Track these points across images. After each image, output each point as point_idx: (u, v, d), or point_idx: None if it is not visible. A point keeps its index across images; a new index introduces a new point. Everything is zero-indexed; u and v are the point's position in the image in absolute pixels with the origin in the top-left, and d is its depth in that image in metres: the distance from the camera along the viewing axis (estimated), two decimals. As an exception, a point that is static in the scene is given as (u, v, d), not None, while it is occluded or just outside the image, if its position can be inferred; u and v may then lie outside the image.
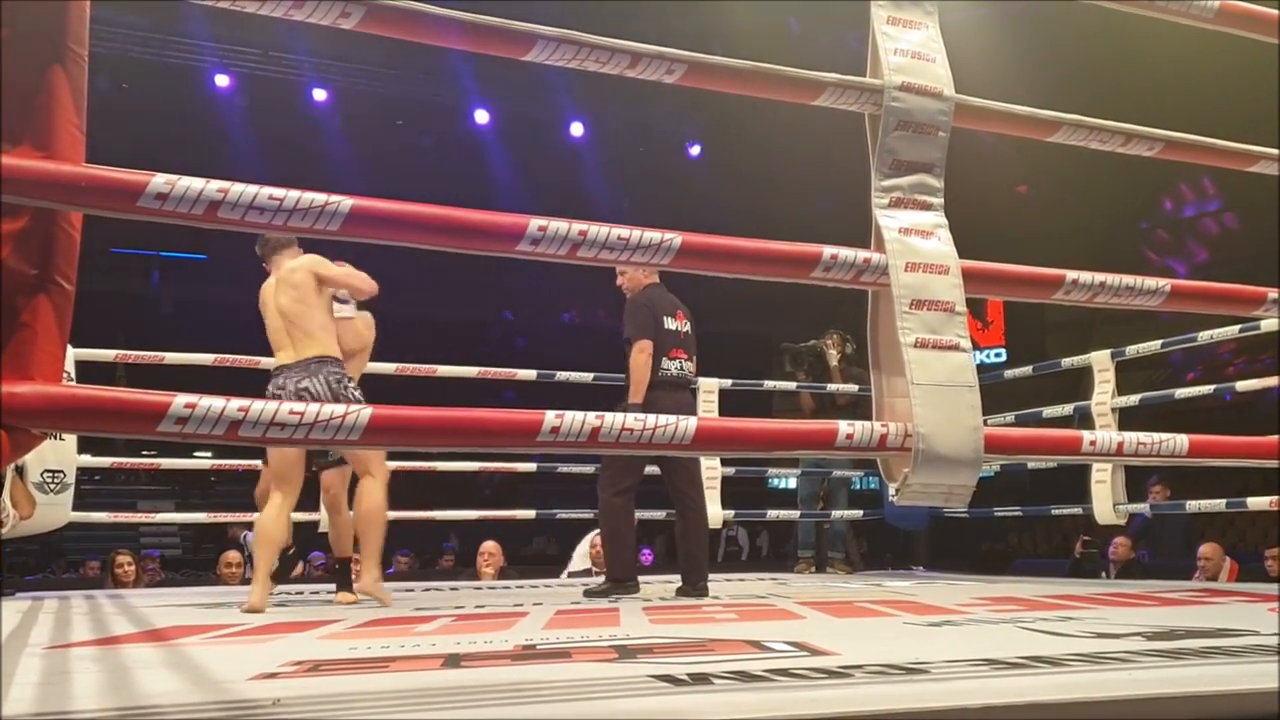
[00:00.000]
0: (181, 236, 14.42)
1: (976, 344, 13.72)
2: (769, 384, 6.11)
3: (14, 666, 1.84)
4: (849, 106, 1.97)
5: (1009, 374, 6.18)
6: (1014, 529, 12.53)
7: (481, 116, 14.36)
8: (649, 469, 4.22)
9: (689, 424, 1.69)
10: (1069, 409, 5.54)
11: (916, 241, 1.91)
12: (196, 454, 9.25)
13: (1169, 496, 5.93)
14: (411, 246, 1.66)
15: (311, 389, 3.53)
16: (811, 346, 6.03)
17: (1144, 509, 5.45)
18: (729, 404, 5.46)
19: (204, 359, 5.08)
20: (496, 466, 6.55)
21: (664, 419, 1.68)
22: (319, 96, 13.63)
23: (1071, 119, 2.18)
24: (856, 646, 1.91)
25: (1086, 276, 2.07)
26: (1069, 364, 5.77)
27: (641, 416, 1.67)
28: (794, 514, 6.07)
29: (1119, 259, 11.86)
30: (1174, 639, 1.92)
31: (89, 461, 5.13)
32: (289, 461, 3.60)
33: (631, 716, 1.30)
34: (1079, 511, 5.53)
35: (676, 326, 4.10)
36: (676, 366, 4.07)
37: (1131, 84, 11.21)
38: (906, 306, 1.86)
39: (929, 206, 1.97)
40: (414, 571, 7.19)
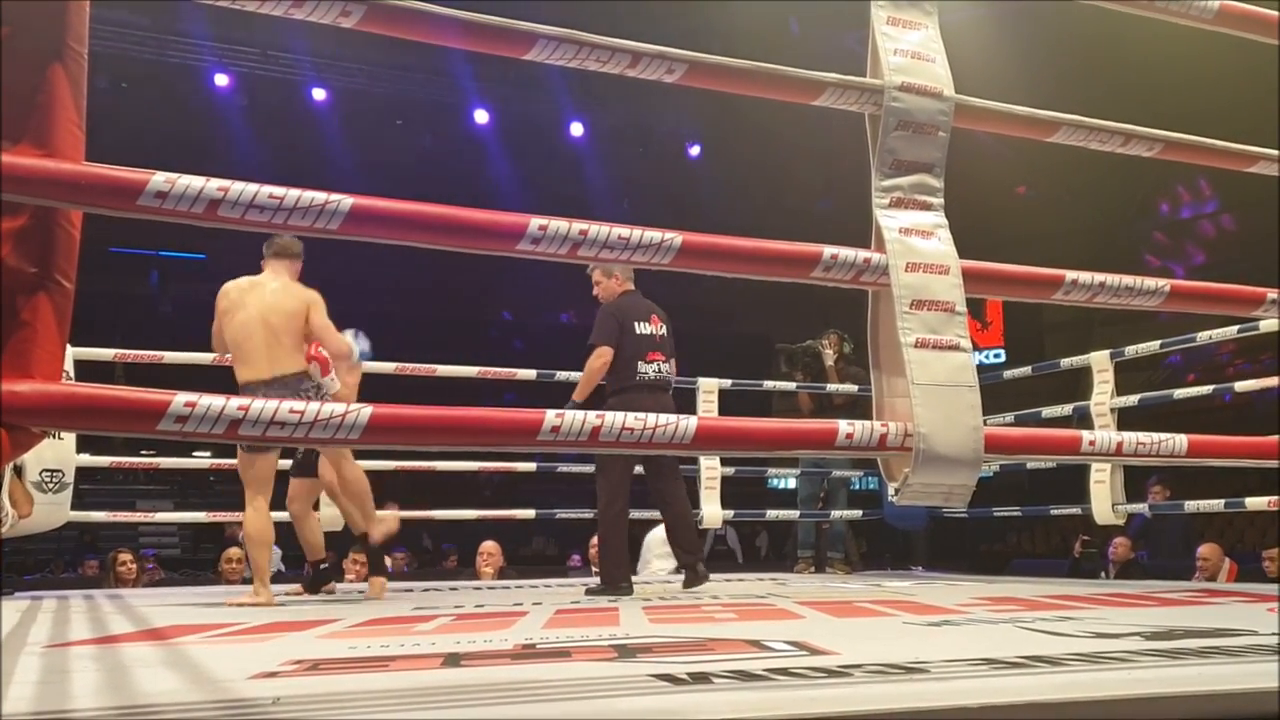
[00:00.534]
0: (181, 236, 14.40)
1: (976, 344, 13.71)
2: (768, 384, 6.11)
3: (13, 665, 1.83)
4: (849, 107, 1.97)
5: (1008, 374, 6.19)
6: (1013, 529, 12.54)
7: (481, 116, 14.33)
8: (635, 469, 4.24)
9: (689, 423, 1.69)
10: (1068, 409, 5.54)
11: (917, 241, 1.91)
12: (195, 453, 9.26)
13: (1169, 497, 5.93)
14: (411, 245, 1.66)
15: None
16: (808, 347, 6.02)
17: (1143, 509, 5.45)
18: (728, 404, 5.46)
19: (203, 358, 5.06)
20: (496, 466, 6.54)
21: (664, 418, 1.68)
22: (318, 96, 13.59)
23: (1071, 119, 2.18)
24: (856, 646, 1.91)
25: (1086, 277, 2.08)
26: (1068, 364, 5.78)
27: (641, 416, 1.67)
28: (793, 514, 6.07)
29: (1118, 259, 11.87)
30: (1173, 639, 1.92)
31: (88, 461, 5.12)
32: (270, 465, 3.80)
33: (631, 716, 1.30)
34: (1078, 512, 5.53)
35: (651, 330, 4.12)
36: (654, 369, 4.09)
37: (1130, 84, 11.22)
38: (907, 306, 1.86)
39: (929, 206, 1.97)
40: (414, 571, 7.18)
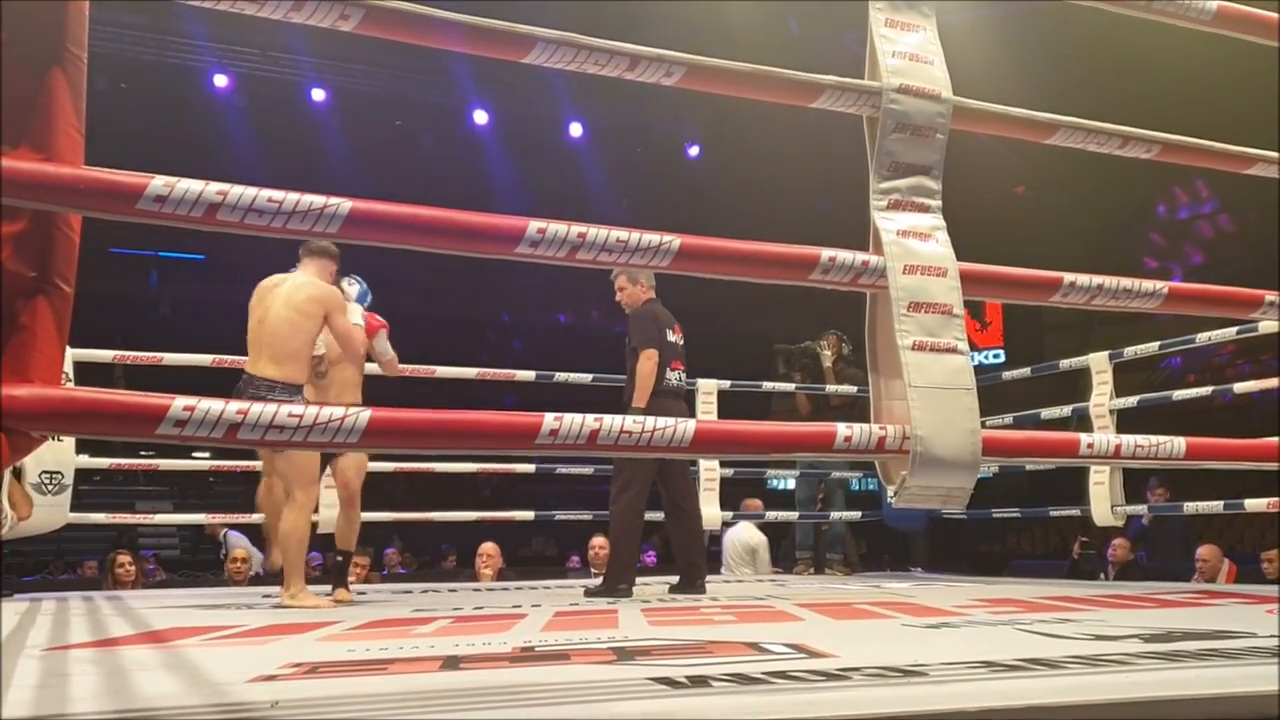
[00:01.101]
0: (180, 237, 14.39)
1: (975, 345, 13.74)
2: (767, 385, 6.11)
3: (12, 668, 1.83)
4: (847, 109, 1.97)
5: (1007, 375, 6.19)
6: (1012, 530, 12.55)
7: (481, 117, 14.34)
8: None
9: (688, 426, 1.70)
10: (1067, 410, 5.54)
11: (915, 244, 1.91)
12: (195, 455, 9.24)
13: (1169, 498, 5.93)
14: (410, 249, 1.66)
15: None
16: (806, 348, 6.03)
17: (1141, 510, 5.45)
18: (727, 405, 5.46)
19: (202, 360, 5.08)
20: (495, 468, 6.54)
21: (662, 421, 1.68)
22: (318, 96, 13.60)
23: (1069, 121, 2.18)
24: (855, 648, 1.91)
25: (1084, 279, 2.08)
26: (1067, 365, 5.78)
27: (640, 419, 1.68)
28: (792, 515, 6.08)
29: (1117, 260, 11.86)
30: (1172, 641, 1.93)
31: (87, 463, 5.11)
32: (313, 461, 3.69)
33: (630, 719, 1.30)
34: (1077, 513, 5.53)
35: (675, 339, 4.23)
36: (676, 377, 4.20)
37: (1129, 86, 11.22)
38: (904, 309, 1.86)
39: (927, 209, 1.97)
40: (413, 573, 7.18)
